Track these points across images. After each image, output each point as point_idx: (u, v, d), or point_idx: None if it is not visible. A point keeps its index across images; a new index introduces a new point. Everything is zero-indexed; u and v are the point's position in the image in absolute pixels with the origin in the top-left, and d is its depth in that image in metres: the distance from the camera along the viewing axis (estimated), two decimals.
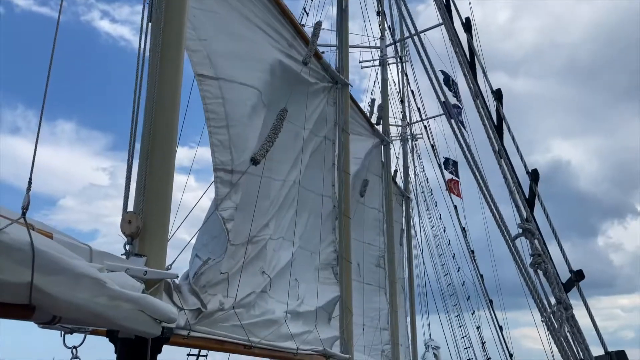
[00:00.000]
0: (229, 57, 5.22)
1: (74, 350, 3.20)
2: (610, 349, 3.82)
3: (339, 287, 7.72)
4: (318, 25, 7.35)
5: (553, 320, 3.68)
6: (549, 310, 3.68)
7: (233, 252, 5.28)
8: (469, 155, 4.38)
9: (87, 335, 3.50)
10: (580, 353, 3.62)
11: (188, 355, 6.67)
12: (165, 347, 3.57)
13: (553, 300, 3.79)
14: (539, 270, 3.82)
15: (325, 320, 7.28)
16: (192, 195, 5.76)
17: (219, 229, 5.06)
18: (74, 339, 3.37)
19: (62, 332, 3.43)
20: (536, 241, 3.93)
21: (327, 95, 8.06)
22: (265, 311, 5.66)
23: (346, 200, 8.33)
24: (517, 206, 4.16)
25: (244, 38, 5.65)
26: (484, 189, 4.22)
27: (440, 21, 5.46)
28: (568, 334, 3.67)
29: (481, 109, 4.59)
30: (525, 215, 4.14)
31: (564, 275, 4.16)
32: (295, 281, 6.64)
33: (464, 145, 4.45)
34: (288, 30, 6.66)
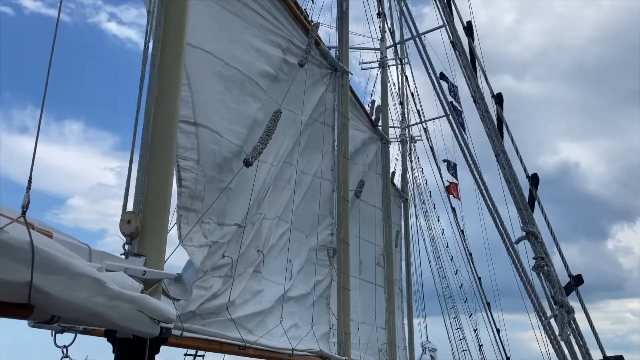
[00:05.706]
0: (199, 28, 5.21)
1: (65, 349, 3.17)
2: (621, 353, 3.83)
3: (333, 269, 7.78)
4: (316, 26, 7.43)
5: (553, 323, 3.68)
6: (549, 314, 3.67)
7: (234, 234, 5.32)
8: (469, 159, 4.38)
9: (85, 335, 3.48)
10: (581, 357, 3.62)
11: (185, 355, 6.67)
12: (162, 347, 3.55)
13: (554, 304, 3.78)
14: (541, 274, 3.81)
15: (324, 305, 7.36)
16: None
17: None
18: (65, 338, 3.32)
19: (53, 332, 3.39)
20: (539, 244, 3.92)
21: (327, 82, 8.18)
22: (259, 298, 5.70)
23: (345, 184, 8.41)
24: (519, 209, 4.15)
25: (227, 16, 5.65)
26: (484, 192, 4.22)
27: (441, 24, 5.45)
28: (570, 337, 3.66)
29: (482, 113, 4.59)
30: (527, 218, 4.13)
31: (563, 281, 4.16)
32: (290, 262, 6.69)
33: (464, 148, 4.44)
34: (286, 17, 6.73)
